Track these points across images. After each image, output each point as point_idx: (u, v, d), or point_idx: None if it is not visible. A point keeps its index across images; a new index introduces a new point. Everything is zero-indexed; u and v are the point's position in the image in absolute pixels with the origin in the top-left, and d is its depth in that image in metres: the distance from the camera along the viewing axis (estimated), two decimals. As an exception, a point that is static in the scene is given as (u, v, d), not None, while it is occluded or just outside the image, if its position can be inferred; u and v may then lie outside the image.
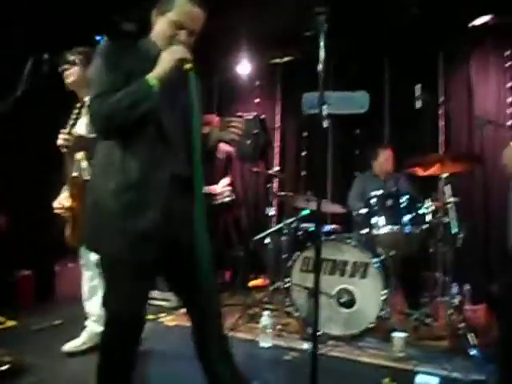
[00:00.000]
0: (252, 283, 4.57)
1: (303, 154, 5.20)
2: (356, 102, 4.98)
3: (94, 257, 2.46)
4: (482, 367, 2.63)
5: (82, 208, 2.39)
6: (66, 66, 2.62)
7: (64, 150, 2.44)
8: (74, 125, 2.42)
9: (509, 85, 4.46)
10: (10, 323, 3.31)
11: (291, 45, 5.16)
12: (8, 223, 3.81)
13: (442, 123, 4.76)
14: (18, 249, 3.76)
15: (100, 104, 1.56)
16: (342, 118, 4.94)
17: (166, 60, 1.60)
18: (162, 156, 1.63)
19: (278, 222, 4.19)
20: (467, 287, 3.81)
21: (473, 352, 2.83)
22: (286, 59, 5.54)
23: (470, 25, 4.46)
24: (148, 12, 1.73)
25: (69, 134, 2.41)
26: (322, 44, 1.77)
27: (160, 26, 1.68)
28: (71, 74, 2.61)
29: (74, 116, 2.42)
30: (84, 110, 2.41)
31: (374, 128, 4.96)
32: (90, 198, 1.70)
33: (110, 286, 1.68)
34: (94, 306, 2.68)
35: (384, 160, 4.06)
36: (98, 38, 4.25)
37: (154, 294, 3.59)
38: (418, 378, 2.49)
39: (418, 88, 3.75)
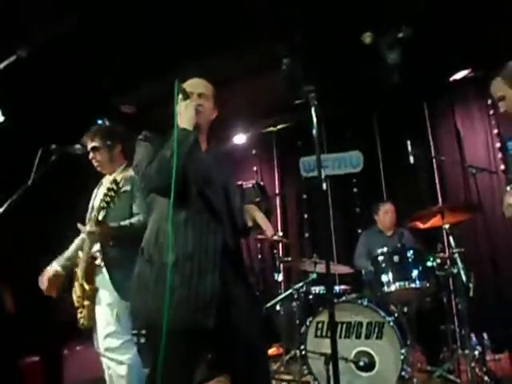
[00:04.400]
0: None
1: (305, 216, 5.27)
2: (350, 161, 5.13)
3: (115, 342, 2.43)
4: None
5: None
6: (91, 150, 2.64)
7: (91, 238, 2.38)
8: (105, 211, 2.30)
9: (495, 131, 4.62)
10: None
11: (283, 113, 5.40)
12: (15, 306, 3.80)
13: (437, 175, 4.88)
14: (25, 332, 3.71)
15: (150, 165, 1.74)
16: (338, 178, 5.07)
17: (185, 110, 1.78)
18: (212, 226, 1.75)
19: (287, 288, 4.17)
20: (485, 337, 3.73)
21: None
22: (279, 127, 5.76)
23: (451, 79, 4.71)
24: (144, 94, 1.91)
25: (100, 222, 2.30)
26: (313, 115, 1.91)
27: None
28: (97, 156, 2.64)
29: (105, 201, 2.27)
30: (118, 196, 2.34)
31: (371, 185, 5.07)
32: (143, 277, 1.78)
33: (166, 361, 1.62)
34: None
35: (385, 213, 4.15)
36: (99, 121, 4.49)
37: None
38: None
39: (408, 144, 3.87)
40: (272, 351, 4.47)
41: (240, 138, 5.84)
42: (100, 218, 2.30)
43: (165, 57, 3.97)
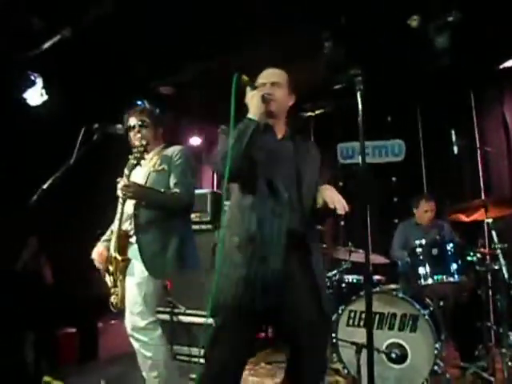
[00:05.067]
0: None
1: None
2: (392, 150, 5.01)
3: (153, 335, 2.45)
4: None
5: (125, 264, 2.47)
6: (139, 126, 2.65)
7: (121, 195, 2.41)
8: (131, 171, 2.43)
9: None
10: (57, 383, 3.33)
11: (323, 98, 5.30)
12: (53, 276, 3.94)
13: (481, 167, 4.70)
14: (61, 304, 3.85)
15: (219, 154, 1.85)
16: (378, 166, 4.96)
17: (251, 100, 1.88)
18: (277, 211, 1.82)
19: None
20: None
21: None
22: (317, 112, 5.67)
23: (501, 67, 4.50)
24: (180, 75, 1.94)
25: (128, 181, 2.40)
26: (359, 101, 1.88)
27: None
28: (143, 132, 2.64)
29: (132, 163, 2.42)
30: (145, 159, 2.49)
31: (411, 175, 4.94)
32: (221, 253, 1.88)
33: (219, 335, 1.83)
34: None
35: (425, 211, 4.04)
36: (138, 102, 4.54)
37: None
38: None
39: (453, 133, 3.74)
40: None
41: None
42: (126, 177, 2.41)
43: (203, 39, 3.95)
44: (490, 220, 3.15)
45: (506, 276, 2.96)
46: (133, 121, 2.66)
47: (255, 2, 3.61)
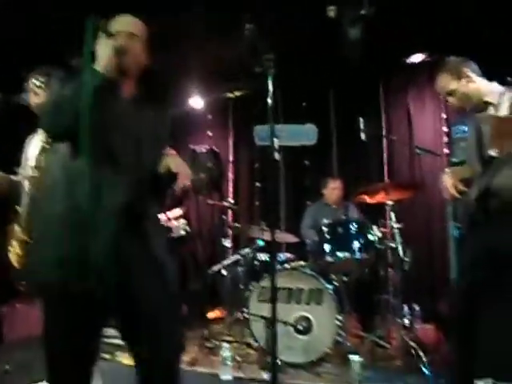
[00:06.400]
0: (210, 315, 4.55)
1: (256, 184, 5.32)
2: (305, 134, 5.19)
3: None
4: (433, 383, 2.77)
5: None
6: (34, 89, 2.44)
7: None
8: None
9: (444, 116, 4.81)
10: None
11: (241, 79, 5.35)
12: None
13: (386, 153, 5.05)
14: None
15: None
16: (292, 149, 5.14)
17: (102, 50, 1.60)
18: (112, 179, 1.56)
19: (234, 254, 4.25)
20: (417, 308, 4.00)
21: (424, 369, 2.96)
22: (237, 93, 5.71)
23: (408, 61, 4.83)
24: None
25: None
26: (270, 84, 1.91)
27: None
28: (36, 98, 2.45)
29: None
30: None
31: (322, 159, 5.18)
32: (34, 223, 1.63)
33: (49, 317, 1.59)
34: None
35: (333, 189, 4.29)
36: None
37: (110, 331, 3.51)
38: (375, 399, 2.60)
39: (361, 121, 3.97)
40: (216, 314, 4.59)
41: (196, 102, 5.75)
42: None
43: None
44: (390, 202, 3.43)
45: (400, 253, 3.26)
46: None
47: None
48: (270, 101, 1.88)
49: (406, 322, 3.40)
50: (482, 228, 2.22)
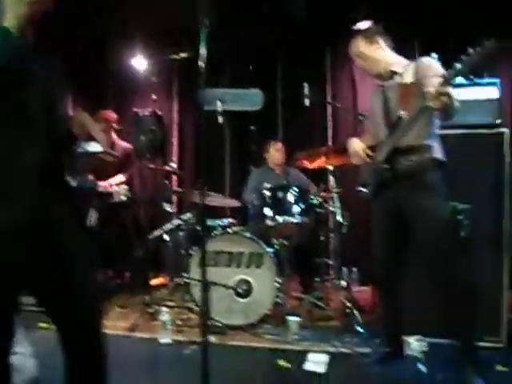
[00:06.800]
0: (153, 282, 4.51)
1: (201, 149, 5.23)
2: (250, 99, 5.11)
3: None
4: (367, 342, 2.89)
5: None
6: None
7: None
8: None
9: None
10: None
11: (186, 42, 5.17)
12: None
13: (330, 120, 5.08)
14: None
15: None
16: (238, 114, 5.07)
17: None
18: (26, 142, 1.47)
19: (175, 219, 4.18)
20: (355, 271, 4.14)
21: (360, 329, 3.09)
22: (182, 55, 5.51)
23: (354, 28, 4.80)
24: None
25: None
26: (203, 46, 1.81)
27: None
28: None
29: None
30: None
31: (268, 125, 5.15)
32: None
33: None
34: None
35: (275, 152, 4.32)
36: None
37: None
38: (310, 357, 2.68)
39: (306, 86, 3.94)
40: (159, 280, 4.56)
41: (140, 63, 5.51)
42: None
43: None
44: (330, 167, 3.46)
45: (339, 217, 3.33)
46: None
47: None
48: (201, 64, 1.77)
49: (344, 284, 3.50)
50: (390, 188, 2.35)
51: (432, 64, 2.26)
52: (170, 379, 2.51)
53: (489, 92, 2.88)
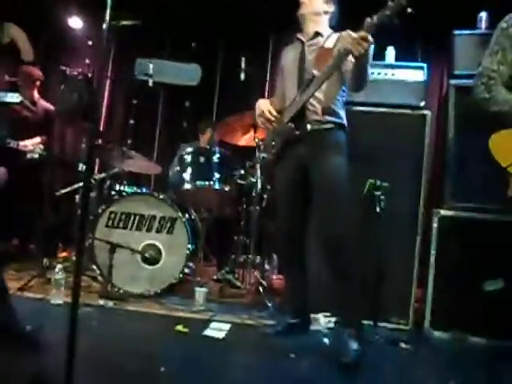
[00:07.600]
0: (61, 255, 4.15)
1: (131, 121, 4.97)
2: (188, 74, 4.94)
3: None
4: (274, 316, 2.76)
5: None
6: None
7: None
8: None
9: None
10: None
11: (128, 8, 4.93)
12: None
13: (266, 96, 4.98)
14: None
15: None
16: (172, 89, 4.89)
17: None
18: None
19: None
20: (274, 258, 4.00)
21: (269, 305, 2.95)
22: (123, 22, 5.25)
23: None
24: None
25: None
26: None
27: None
28: None
29: None
30: None
31: (204, 101, 5.00)
32: None
33: None
34: None
35: (210, 136, 4.13)
36: None
37: None
38: (212, 325, 2.53)
39: (243, 60, 3.83)
40: (67, 253, 4.21)
41: (76, 22, 5.18)
42: None
43: None
44: (257, 140, 3.33)
45: (259, 187, 3.18)
46: None
47: None
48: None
49: (259, 262, 3.38)
50: (295, 147, 2.32)
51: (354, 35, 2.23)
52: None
53: (416, 75, 2.89)
